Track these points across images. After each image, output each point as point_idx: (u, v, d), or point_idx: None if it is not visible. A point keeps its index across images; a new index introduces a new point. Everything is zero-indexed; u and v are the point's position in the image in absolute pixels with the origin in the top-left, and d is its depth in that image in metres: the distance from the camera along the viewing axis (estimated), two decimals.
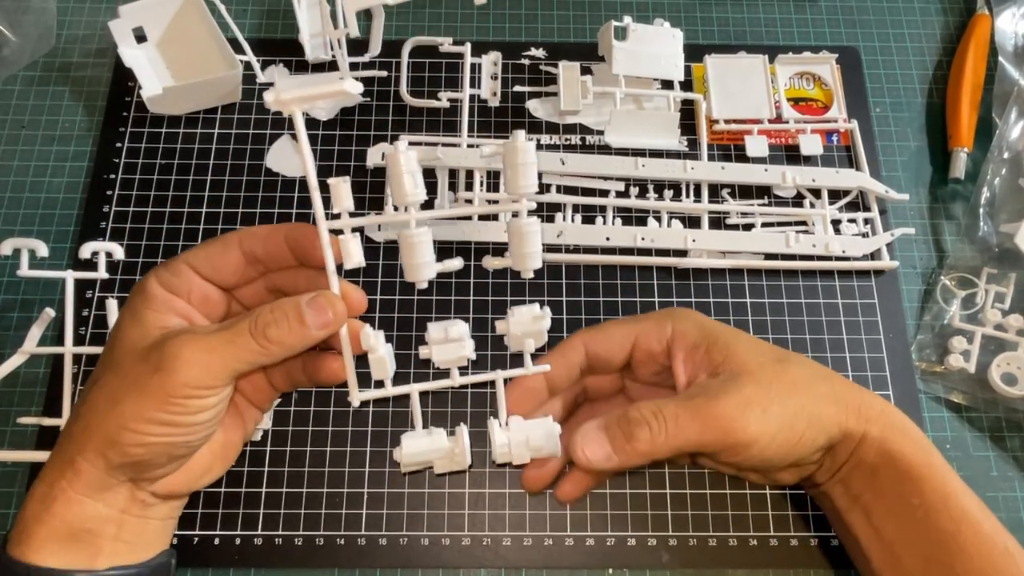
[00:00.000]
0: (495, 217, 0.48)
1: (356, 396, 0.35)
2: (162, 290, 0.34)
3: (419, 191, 0.34)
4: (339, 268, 0.34)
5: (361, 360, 0.35)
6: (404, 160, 0.34)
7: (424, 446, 0.36)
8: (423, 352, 0.36)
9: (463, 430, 0.36)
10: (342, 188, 0.33)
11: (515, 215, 0.35)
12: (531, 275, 0.36)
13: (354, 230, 0.34)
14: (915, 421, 0.44)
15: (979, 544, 0.33)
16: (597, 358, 0.39)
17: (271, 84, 0.46)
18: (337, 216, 0.34)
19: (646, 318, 0.39)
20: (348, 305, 0.34)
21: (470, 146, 0.49)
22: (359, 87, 0.32)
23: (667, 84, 0.52)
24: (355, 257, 0.34)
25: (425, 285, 0.35)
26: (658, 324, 0.38)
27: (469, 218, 0.48)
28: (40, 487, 0.33)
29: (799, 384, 0.36)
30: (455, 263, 0.36)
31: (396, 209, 0.48)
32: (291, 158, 0.50)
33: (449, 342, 0.35)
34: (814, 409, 0.35)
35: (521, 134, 0.34)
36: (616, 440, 0.35)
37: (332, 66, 0.52)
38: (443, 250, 0.48)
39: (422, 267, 0.35)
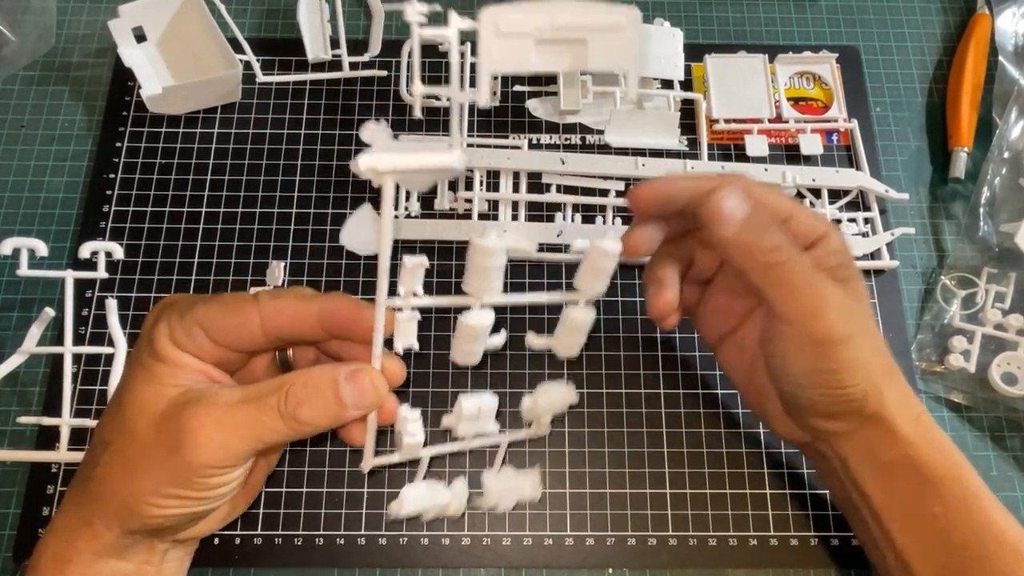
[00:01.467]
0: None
1: (369, 463, 0.34)
2: (173, 348, 0.31)
3: (497, 285, 0.32)
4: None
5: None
6: (493, 251, 0.31)
7: (424, 501, 0.35)
8: (446, 421, 0.35)
9: (463, 485, 0.36)
10: (418, 272, 0.30)
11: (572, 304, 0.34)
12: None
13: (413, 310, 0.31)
14: None
15: (1003, 554, 0.33)
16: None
17: (365, 147, 0.32)
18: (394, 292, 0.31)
19: (806, 209, 0.37)
20: (387, 379, 0.32)
21: (470, 145, 0.49)
22: (464, 161, 0.29)
23: (667, 84, 0.52)
24: (408, 337, 0.31)
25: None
26: (817, 220, 0.36)
27: (469, 217, 0.48)
28: (53, 543, 0.31)
29: (883, 348, 0.36)
30: (498, 340, 0.34)
31: (395, 209, 0.48)
32: (369, 231, 0.45)
33: (480, 418, 0.35)
34: (879, 374, 0.34)
35: (615, 236, 0.33)
36: (751, 220, 0.33)
37: (332, 66, 0.52)
38: (443, 250, 0.48)
39: (476, 353, 0.33)
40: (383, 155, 0.28)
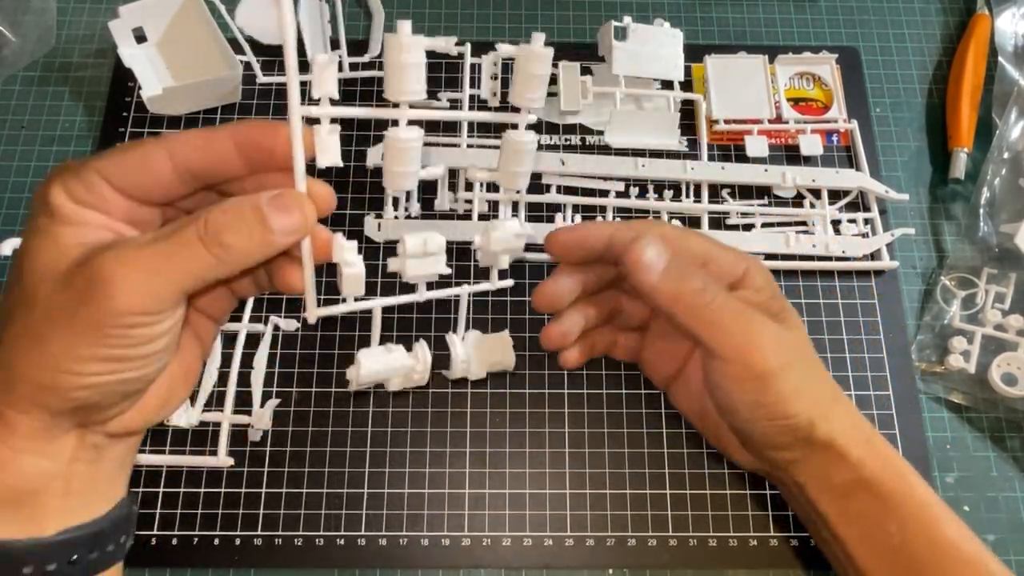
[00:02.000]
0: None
1: (314, 312, 0.31)
2: (73, 204, 0.26)
3: (419, 87, 0.29)
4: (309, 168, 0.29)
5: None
6: (407, 46, 0.28)
7: (383, 363, 0.33)
8: (392, 264, 0.32)
9: (423, 346, 0.34)
10: (328, 70, 0.27)
11: (513, 127, 0.32)
12: (515, 194, 0.34)
13: (333, 121, 0.29)
14: (915, 421, 0.45)
15: (959, 569, 0.33)
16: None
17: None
18: (315, 102, 0.28)
19: (725, 247, 0.38)
20: (315, 205, 0.29)
21: (470, 146, 0.49)
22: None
23: (667, 84, 0.52)
24: (331, 153, 0.28)
25: (403, 193, 0.32)
26: (736, 258, 0.37)
27: (469, 217, 0.48)
28: None
29: (823, 377, 0.37)
30: (438, 170, 0.32)
31: (395, 207, 0.48)
32: (267, 15, 0.37)
33: (426, 256, 0.32)
34: (819, 403, 0.35)
35: (540, 38, 0.30)
36: (671, 269, 0.34)
37: None
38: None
39: (405, 176, 0.31)
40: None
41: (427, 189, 0.49)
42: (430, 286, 0.35)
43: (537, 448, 0.44)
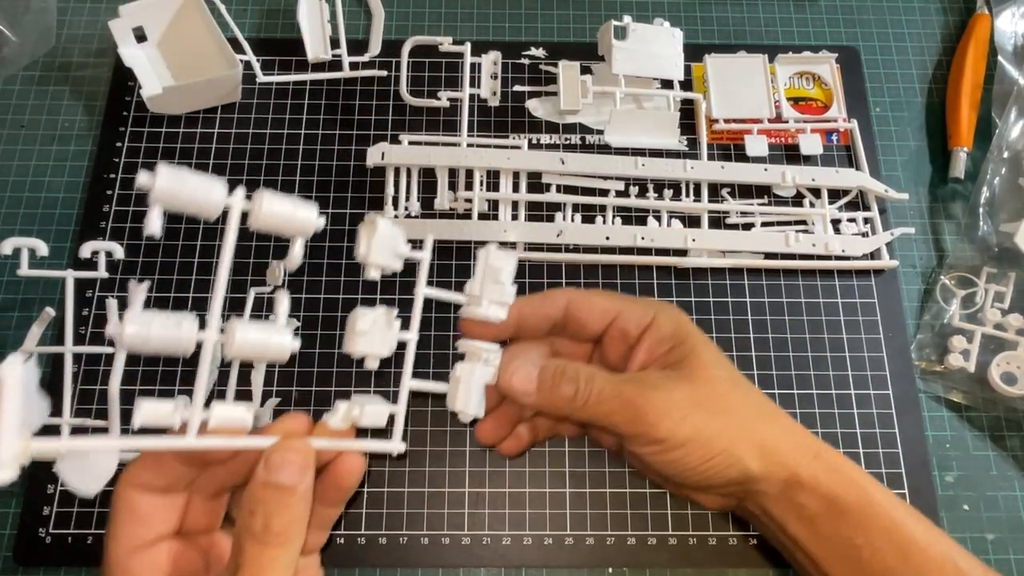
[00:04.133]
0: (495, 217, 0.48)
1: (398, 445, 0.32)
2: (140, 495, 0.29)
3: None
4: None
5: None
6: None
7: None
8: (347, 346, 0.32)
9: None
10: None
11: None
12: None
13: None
14: (915, 421, 0.45)
15: (929, 570, 0.33)
16: (575, 320, 0.37)
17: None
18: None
19: (635, 300, 0.38)
20: (287, 430, 0.30)
21: (470, 145, 0.49)
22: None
23: (667, 84, 0.52)
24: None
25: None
26: (644, 309, 0.37)
27: (469, 217, 0.48)
28: None
29: (734, 411, 0.35)
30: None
31: (395, 207, 0.48)
32: (85, 471, 0.32)
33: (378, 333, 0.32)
34: (736, 438, 0.34)
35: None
36: (544, 383, 0.35)
37: (332, 66, 0.52)
38: (443, 250, 0.48)
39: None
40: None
41: (427, 189, 0.49)
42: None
43: (538, 448, 0.44)
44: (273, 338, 0.29)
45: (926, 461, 0.44)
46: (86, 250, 0.44)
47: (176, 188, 0.29)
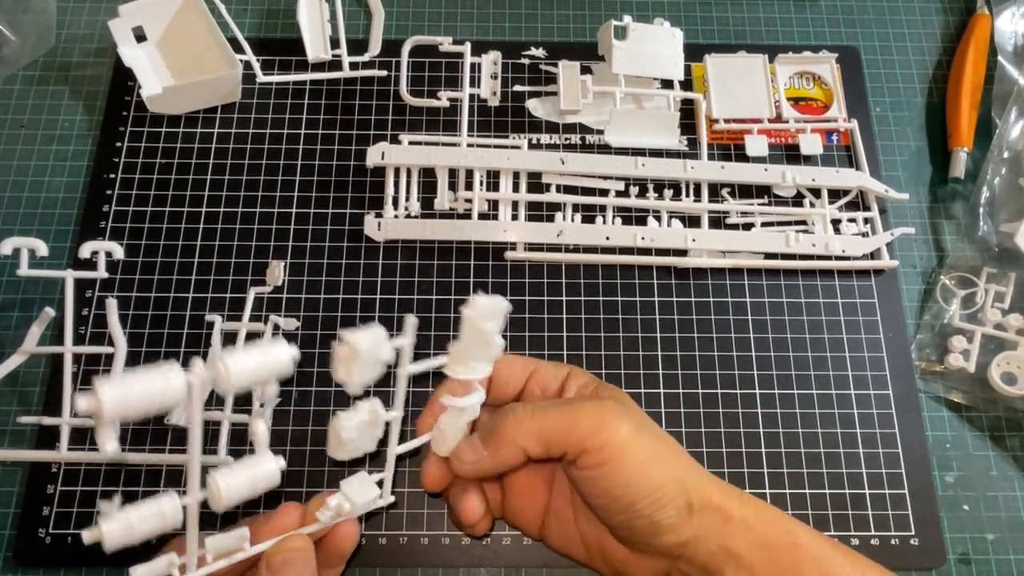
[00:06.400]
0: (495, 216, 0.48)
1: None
2: None
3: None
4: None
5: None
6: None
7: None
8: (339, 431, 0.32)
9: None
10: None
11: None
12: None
13: None
14: (915, 421, 0.45)
15: None
16: (498, 379, 0.38)
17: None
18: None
19: (546, 362, 0.39)
20: (281, 528, 0.33)
21: (470, 145, 0.49)
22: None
23: (667, 84, 0.52)
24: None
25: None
26: (556, 366, 0.39)
27: (469, 217, 0.48)
28: None
29: (671, 443, 0.35)
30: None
31: (395, 207, 0.48)
32: None
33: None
34: (681, 471, 0.34)
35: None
36: (485, 438, 0.35)
37: (332, 66, 0.52)
38: (443, 250, 0.48)
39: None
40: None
41: (427, 189, 0.49)
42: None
43: None
44: (257, 472, 0.30)
45: (926, 461, 0.44)
46: (86, 250, 0.44)
47: (124, 403, 0.25)
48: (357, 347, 0.29)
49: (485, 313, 0.31)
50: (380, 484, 0.35)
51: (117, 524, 0.27)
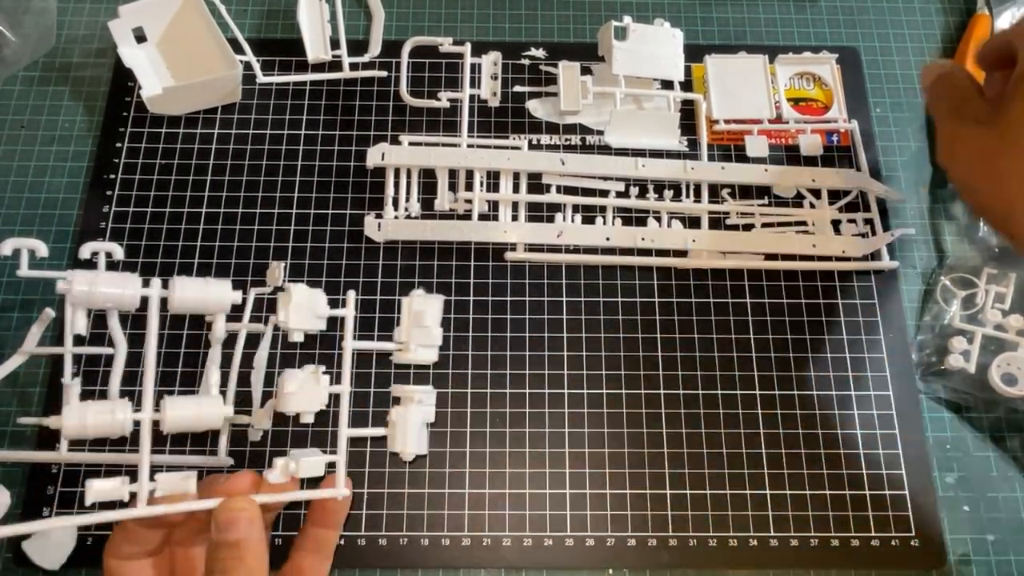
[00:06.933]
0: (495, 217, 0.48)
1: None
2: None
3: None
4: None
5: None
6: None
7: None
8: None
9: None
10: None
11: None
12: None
13: None
14: (915, 422, 0.45)
15: None
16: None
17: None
18: None
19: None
20: (232, 490, 0.33)
21: (470, 146, 0.49)
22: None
23: (667, 84, 0.52)
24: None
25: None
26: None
27: (469, 217, 0.48)
28: None
29: None
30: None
31: (395, 207, 0.48)
32: (59, 543, 0.41)
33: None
34: None
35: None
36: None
37: (332, 66, 0.52)
38: (443, 250, 0.48)
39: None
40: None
41: (427, 189, 0.49)
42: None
43: (537, 448, 0.44)
44: (205, 411, 0.34)
45: (926, 462, 0.44)
46: (86, 250, 0.44)
47: (91, 291, 0.34)
48: (292, 293, 0.36)
49: (421, 299, 0.39)
50: (332, 466, 0.36)
51: (74, 412, 0.32)
